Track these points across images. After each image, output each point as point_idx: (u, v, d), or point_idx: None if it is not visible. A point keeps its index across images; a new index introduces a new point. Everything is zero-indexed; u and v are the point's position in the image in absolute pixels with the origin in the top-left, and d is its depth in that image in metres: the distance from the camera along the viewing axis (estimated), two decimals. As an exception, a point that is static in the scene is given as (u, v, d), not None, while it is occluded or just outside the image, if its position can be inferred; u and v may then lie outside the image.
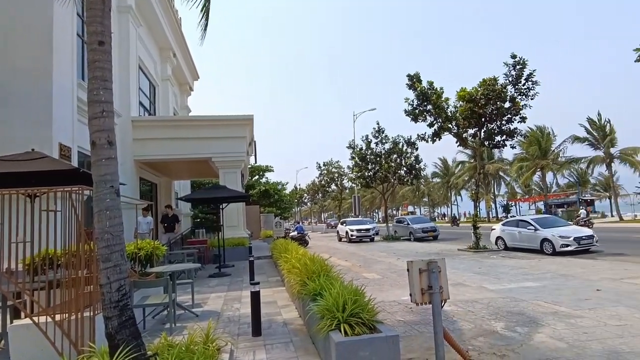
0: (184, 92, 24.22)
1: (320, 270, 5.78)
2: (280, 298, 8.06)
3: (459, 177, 53.15)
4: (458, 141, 17.68)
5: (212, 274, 11.82)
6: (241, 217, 16.45)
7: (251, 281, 6.11)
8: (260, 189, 34.39)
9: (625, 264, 10.96)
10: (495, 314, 6.31)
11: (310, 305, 4.64)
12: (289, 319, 6.36)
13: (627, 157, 34.75)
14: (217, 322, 6.23)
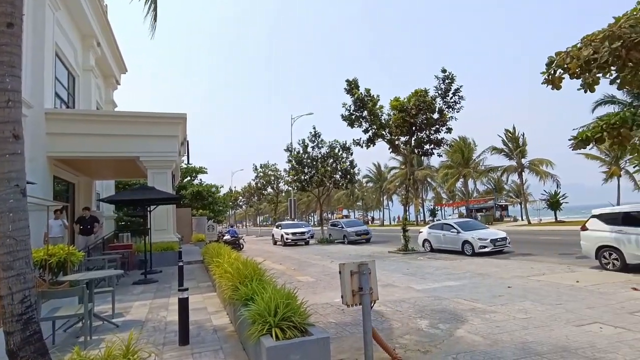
0: (110, 85, 22.47)
1: (253, 275, 5.67)
2: (211, 304, 7.77)
3: (391, 182, 55.62)
4: (391, 148, 18.48)
5: (137, 280, 11.06)
6: (171, 220, 15.63)
7: (180, 287, 5.82)
8: (192, 190, 32.98)
9: (532, 262, 12.20)
10: (420, 312, 6.66)
11: (242, 311, 4.53)
12: (219, 325, 6.15)
13: (534, 167, 38.90)
14: (141, 332, 5.82)
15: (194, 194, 33.08)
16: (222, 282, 6.49)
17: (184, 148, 18.70)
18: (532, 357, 4.39)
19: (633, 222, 9.88)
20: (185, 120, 15.43)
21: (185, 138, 18.21)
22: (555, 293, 7.59)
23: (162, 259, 13.83)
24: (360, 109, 17.76)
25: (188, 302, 5.23)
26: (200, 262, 14.61)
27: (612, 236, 10.15)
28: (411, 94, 17.28)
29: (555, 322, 5.69)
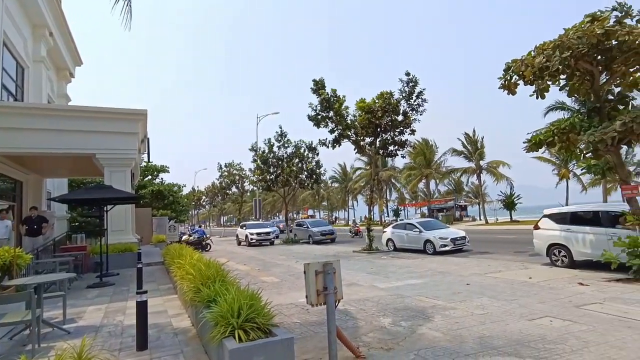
0: (63, 78, 21.22)
1: (216, 276, 5.54)
2: (172, 307, 7.52)
3: (356, 183, 56.33)
4: (356, 148, 18.68)
5: (92, 284, 10.51)
6: (129, 220, 14.99)
7: (138, 290, 5.59)
8: (152, 189, 31.82)
9: (489, 260, 12.73)
10: (384, 310, 6.77)
11: (204, 313, 4.40)
12: (180, 328, 5.96)
13: (491, 169, 40.70)
14: (95, 338, 5.53)
15: (154, 193, 31.95)
16: (183, 284, 6.29)
17: (144, 145, 18.00)
18: (488, 351, 4.57)
19: (579, 221, 10.53)
20: (146, 116, 14.87)
21: (146, 135, 17.54)
22: (510, 289, 7.95)
23: (120, 261, 13.24)
24: (327, 109, 17.84)
25: (146, 305, 5.02)
26: (161, 264, 14.13)
27: (561, 235, 10.77)
28: (377, 95, 17.56)
29: (510, 316, 5.96)
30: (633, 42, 8.16)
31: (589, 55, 8.80)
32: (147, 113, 14.71)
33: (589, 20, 8.78)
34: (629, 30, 8.28)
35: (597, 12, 8.91)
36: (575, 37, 8.59)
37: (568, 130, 9.72)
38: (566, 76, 9.64)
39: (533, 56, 9.58)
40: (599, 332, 5.03)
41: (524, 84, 10.27)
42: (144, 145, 18.02)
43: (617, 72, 9.16)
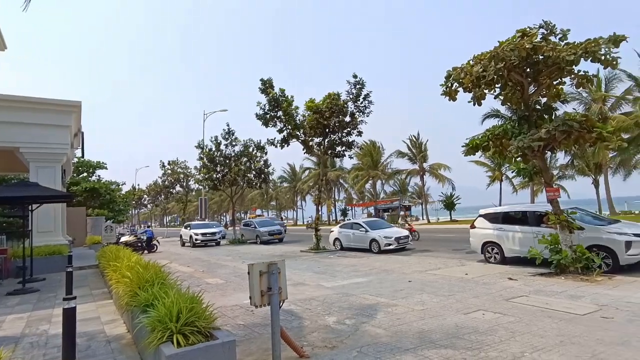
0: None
1: (155, 279, 5.26)
2: (105, 312, 7.04)
3: (305, 183, 56.50)
4: (305, 148, 18.73)
5: (12, 290, 9.55)
6: (59, 220, 13.86)
7: (66, 295, 5.16)
8: (86, 187, 29.64)
9: (430, 258, 13.33)
10: (329, 309, 6.83)
11: (140, 318, 4.16)
12: (114, 335, 5.59)
13: (434, 171, 42.77)
14: (14, 350, 5.03)
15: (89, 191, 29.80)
16: (119, 288, 5.91)
17: (77, 140, 16.73)
18: (426, 344, 4.77)
19: (510, 220, 11.37)
20: (80, 108, 13.83)
21: (80, 129, 16.32)
22: (448, 285, 8.38)
23: (47, 265, 12.19)
24: (275, 108, 17.70)
25: (75, 312, 4.64)
26: (95, 267, 13.20)
27: (494, 233, 11.55)
28: (325, 96, 17.71)
29: (447, 311, 6.27)
30: (556, 57, 8.94)
31: (519, 67, 9.51)
32: (80, 105, 13.69)
33: (520, 35, 9.49)
34: (553, 46, 9.07)
35: (527, 28, 9.65)
36: (508, 49, 9.25)
37: (501, 136, 10.43)
38: (500, 85, 10.33)
39: (472, 65, 10.16)
40: (525, 322, 5.45)
41: (464, 91, 10.87)
42: (78, 140, 16.76)
43: (543, 84, 9.98)
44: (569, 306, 6.17)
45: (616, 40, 8.60)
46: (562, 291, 7.24)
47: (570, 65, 9.06)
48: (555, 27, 9.37)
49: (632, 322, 5.19)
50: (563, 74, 9.52)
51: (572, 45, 9.02)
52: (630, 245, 8.83)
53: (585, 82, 9.65)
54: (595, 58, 8.79)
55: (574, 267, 8.68)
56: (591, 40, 8.81)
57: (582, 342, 4.58)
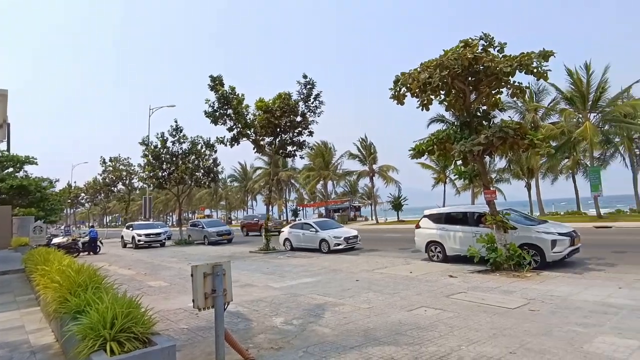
0: None
1: (89, 283, 4.92)
2: (31, 321, 6.46)
3: (256, 182, 55.71)
4: (255, 148, 18.47)
5: None
6: (-21, 220, 12.52)
7: (-17, 304, 4.66)
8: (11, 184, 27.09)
9: (377, 257, 13.68)
10: (276, 310, 6.78)
11: (70, 325, 3.86)
12: (41, 345, 5.15)
13: (383, 173, 43.99)
14: None
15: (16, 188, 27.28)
16: (47, 294, 5.45)
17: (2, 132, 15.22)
18: (371, 342, 4.87)
19: (452, 221, 11.96)
20: (6, 97, 12.57)
21: (6, 120, 14.85)
22: (393, 283, 8.64)
23: (-36, 270, 10.96)
24: (225, 106, 17.29)
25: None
26: (21, 272, 12.09)
27: (437, 233, 12.09)
28: (276, 96, 17.60)
29: (392, 309, 6.46)
30: (494, 68, 9.56)
31: (462, 75, 10.04)
32: (7, 94, 12.45)
33: (462, 45, 10.03)
34: (492, 58, 9.69)
35: (469, 39, 10.23)
36: (452, 58, 9.74)
37: (445, 140, 10.95)
38: (445, 92, 10.87)
39: (419, 72, 10.57)
40: (462, 317, 5.75)
41: (411, 96, 11.28)
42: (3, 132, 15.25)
43: (483, 93, 10.63)
44: (502, 301, 6.60)
45: (546, 55, 9.35)
46: (496, 287, 7.73)
47: (507, 76, 9.73)
48: (494, 39, 10.00)
49: (554, 314, 5.66)
50: (500, 84, 10.18)
51: (508, 57, 9.69)
52: (556, 244, 9.63)
53: (519, 93, 10.39)
54: (528, 70, 9.51)
55: (507, 264, 9.30)
56: (525, 54, 9.52)
57: (512, 333, 4.92)
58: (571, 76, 27.42)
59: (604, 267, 9.55)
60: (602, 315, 5.48)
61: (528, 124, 29.18)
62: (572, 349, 4.31)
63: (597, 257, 10.80)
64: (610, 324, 5.10)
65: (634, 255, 10.85)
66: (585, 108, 27.23)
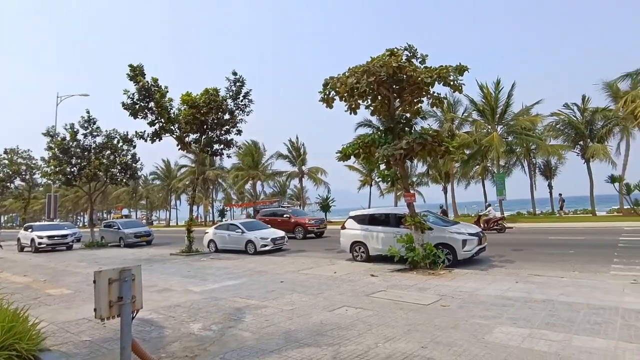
0: None
1: (-34, 293, 4.22)
2: None
3: (180, 181, 52.94)
4: (179, 144, 17.51)
5: None
6: None
7: None
8: None
9: (303, 258, 13.74)
10: (195, 315, 6.44)
11: None
12: None
13: (312, 174, 44.51)
14: None
15: None
16: None
17: None
18: (291, 344, 4.83)
19: (375, 222, 12.43)
20: None
21: None
22: (317, 284, 8.71)
23: None
24: (146, 99, 16.15)
25: None
26: None
27: (361, 233, 12.48)
28: (203, 91, 16.87)
29: (314, 309, 6.49)
30: (416, 78, 10.14)
31: (387, 83, 10.49)
32: None
33: (388, 54, 10.48)
34: (414, 68, 10.27)
35: (394, 48, 10.73)
36: (379, 65, 10.13)
37: (370, 144, 11.36)
38: (371, 98, 11.27)
39: (347, 76, 10.84)
40: (380, 315, 5.96)
41: (340, 100, 11.52)
42: None
43: (406, 101, 11.22)
44: (417, 298, 6.98)
45: (461, 70, 10.14)
46: (413, 284, 8.17)
47: (428, 87, 10.36)
48: (417, 50, 10.60)
49: (462, 308, 6.11)
50: (422, 94, 10.81)
51: (429, 69, 10.33)
52: (466, 243, 10.48)
53: (438, 103, 11.13)
54: (446, 82, 10.23)
55: (424, 262, 9.90)
56: (443, 67, 10.22)
57: (425, 328, 5.20)
58: (482, 90, 30.24)
59: (505, 263, 10.60)
60: (501, 307, 6.04)
61: (446, 133, 31.59)
62: (475, 340, 4.68)
63: (500, 254, 11.95)
64: (507, 315, 5.63)
65: (530, 252, 12.20)
66: (493, 120, 30.18)
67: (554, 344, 4.41)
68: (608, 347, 4.27)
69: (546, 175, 35.33)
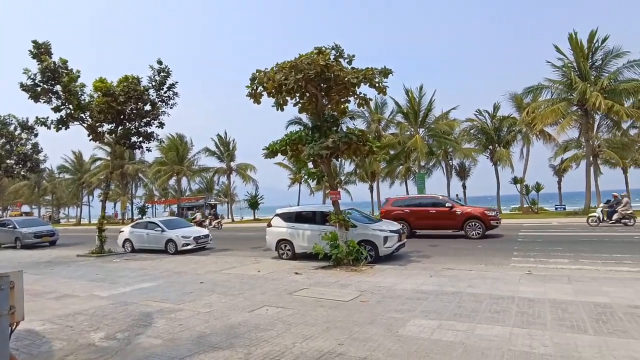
0: None
1: None
2: None
3: (94, 175, 48.41)
4: (91, 135, 15.94)
5: None
6: None
7: None
8: None
9: (227, 257, 13.30)
10: (98, 323, 5.84)
11: None
12: None
13: (240, 171, 43.46)
14: None
15: None
16: None
17: None
18: (205, 349, 4.56)
19: (301, 219, 12.42)
20: None
21: None
22: (239, 284, 8.44)
23: None
24: (51, 81, 14.43)
25: None
26: None
27: (287, 231, 12.39)
28: (121, 78, 15.57)
29: (233, 311, 6.25)
30: (343, 78, 10.29)
31: (315, 81, 10.51)
32: None
33: (316, 52, 10.50)
34: (341, 68, 10.41)
35: (323, 47, 10.77)
36: (306, 63, 10.10)
37: (297, 142, 11.30)
38: (299, 95, 11.21)
39: (275, 72, 10.65)
40: (301, 313, 5.91)
41: (268, 96, 11.30)
42: None
43: (334, 100, 11.35)
44: (339, 294, 7.07)
45: (385, 73, 10.49)
46: (335, 281, 8.27)
47: (354, 87, 10.57)
48: (344, 51, 10.76)
49: (380, 304, 6.30)
50: (349, 94, 11.00)
51: (355, 70, 10.54)
52: (387, 240, 10.88)
53: (364, 103, 11.41)
54: (372, 84, 10.52)
55: (347, 259, 10.09)
56: (369, 69, 10.49)
57: (343, 325, 5.25)
58: (408, 95, 31.91)
59: (421, 258, 11.22)
60: (415, 301, 6.34)
61: (372, 133, 32.85)
62: (389, 334, 4.82)
63: (418, 250, 12.64)
64: (421, 308, 5.92)
65: (444, 248, 13.07)
66: (416, 123, 31.99)
67: (460, 334, 4.70)
68: (504, 333, 4.66)
69: (461, 176, 38.40)
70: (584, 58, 24.69)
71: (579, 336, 4.46)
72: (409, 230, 15.86)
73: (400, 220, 15.29)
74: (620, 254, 10.13)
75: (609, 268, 8.60)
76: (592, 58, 25.03)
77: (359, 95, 11.04)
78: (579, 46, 24.63)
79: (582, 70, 24.73)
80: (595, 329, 4.67)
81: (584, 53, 24.69)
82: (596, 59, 25.02)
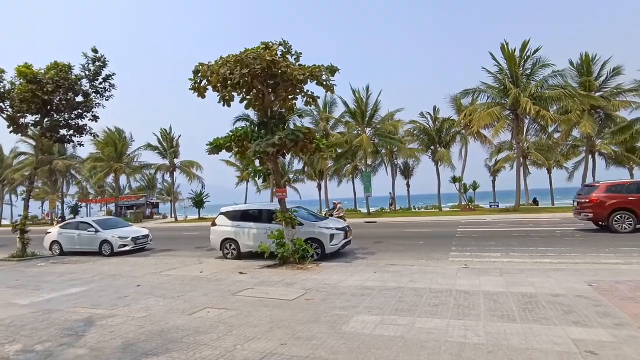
0: None
1: None
2: None
3: (17, 171, 44.02)
4: (11, 126, 14.44)
5: None
6: None
7: None
8: None
9: (168, 258, 12.69)
10: (15, 335, 5.26)
11: None
12: None
13: (185, 168, 41.73)
14: None
15: None
16: None
17: None
18: (137, 356, 4.27)
19: (247, 218, 12.15)
20: None
21: None
22: (180, 285, 8.06)
23: None
24: (-38, 65, 12.86)
25: None
26: None
27: (232, 230, 12.06)
28: (50, 64, 14.26)
29: (172, 314, 5.93)
30: (290, 74, 10.17)
31: (261, 76, 10.28)
32: None
33: (263, 47, 10.29)
34: (288, 64, 10.29)
35: (270, 42, 10.58)
36: (252, 57, 9.86)
37: (242, 138, 11.02)
38: (245, 90, 10.93)
39: (219, 65, 10.29)
40: (244, 314, 5.74)
41: (213, 90, 10.89)
42: None
43: (281, 97, 11.20)
44: (283, 293, 6.97)
45: (332, 70, 10.53)
46: (280, 280, 8.17)
47: (301, 84, 10.49)
48: (292, 47, 10.65)
49: (324, 301, 6.30)
50: (296, 91, 10.91)
51: (302, 67, 10.46)
52: (333, 237, 10.97)
53: (311, 101, 11.36)
54: (319, 82, 10.51)
55: (293, 257, 10.01)
56: (316, 66, 10.47)
57: (287, 324, 5.17)
58: (355, 94, 32.46)
59: (366, 255, 11.44)
60: (359, 297, 6.42)
61: (321, 132, 33.08)
62: (333, 331, 4.82)
63: (363, 247, 12.89)
64: (364, 304, 6.00)
65: (388, 244, 13.45)
66: (363, 122, 32.65)
67: (400, 328, 4.81)
68: (442, 325, 4.84)
69: (405, 175, 39.86)
70: (516, 65, 26.61)
71: (508, 325, 4.75)
72: (635, 221, 12.61)
73: (622, 210, 12.76)
74: (544, 247, 11.04)
75: (534, 260, 9.33)
76: (524, 66, 27.05)
77: (307, 93, 10.99)
78: (511, 55, 26.49)
79: (514, 77, 26.66)
80: (522, 318, 5.00)
81: (515, 61, 26.59)
82: (527, 67, 27.07)
